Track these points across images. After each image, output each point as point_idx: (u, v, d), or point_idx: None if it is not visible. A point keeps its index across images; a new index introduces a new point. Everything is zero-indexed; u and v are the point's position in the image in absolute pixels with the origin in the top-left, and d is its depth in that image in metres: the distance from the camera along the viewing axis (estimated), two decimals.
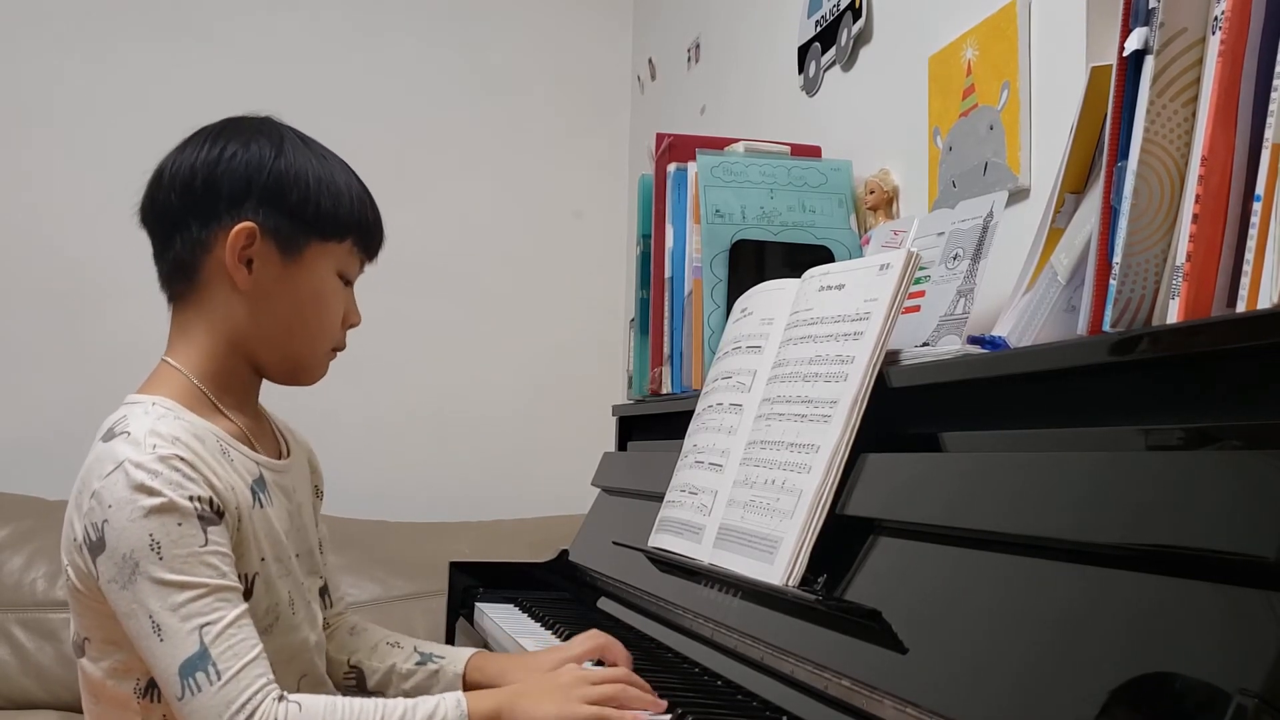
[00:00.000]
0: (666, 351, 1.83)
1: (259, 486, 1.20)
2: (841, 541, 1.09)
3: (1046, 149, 1.38)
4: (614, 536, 1.68)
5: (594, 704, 1.10)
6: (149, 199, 1.22)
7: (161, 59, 2.87)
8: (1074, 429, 0.92)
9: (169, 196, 1.20)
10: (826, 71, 1.98)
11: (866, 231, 1.70)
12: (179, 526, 1.07)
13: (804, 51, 2.06)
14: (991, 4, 1.48)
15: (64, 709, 2.36)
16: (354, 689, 1.38)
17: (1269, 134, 0.79)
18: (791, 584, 1.09)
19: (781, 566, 1.11)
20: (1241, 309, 0.79)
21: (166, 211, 1.20)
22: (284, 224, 1.19)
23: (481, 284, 3.05)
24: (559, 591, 1.93)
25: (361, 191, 1.26)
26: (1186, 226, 0.83)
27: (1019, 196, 1.41)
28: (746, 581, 1.17)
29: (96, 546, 1.08)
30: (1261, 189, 0.79)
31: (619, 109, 3.16)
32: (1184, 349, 0.82)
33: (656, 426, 1.94)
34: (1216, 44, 0.83)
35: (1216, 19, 0.83)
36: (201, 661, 1.05)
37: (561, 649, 1.32)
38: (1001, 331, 1.10)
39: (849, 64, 1.90)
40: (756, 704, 1.11)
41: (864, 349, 1.13)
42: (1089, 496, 0.82)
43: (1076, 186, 1.08)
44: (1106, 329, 0.88)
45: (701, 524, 1.31)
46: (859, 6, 1.84)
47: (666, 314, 1.83)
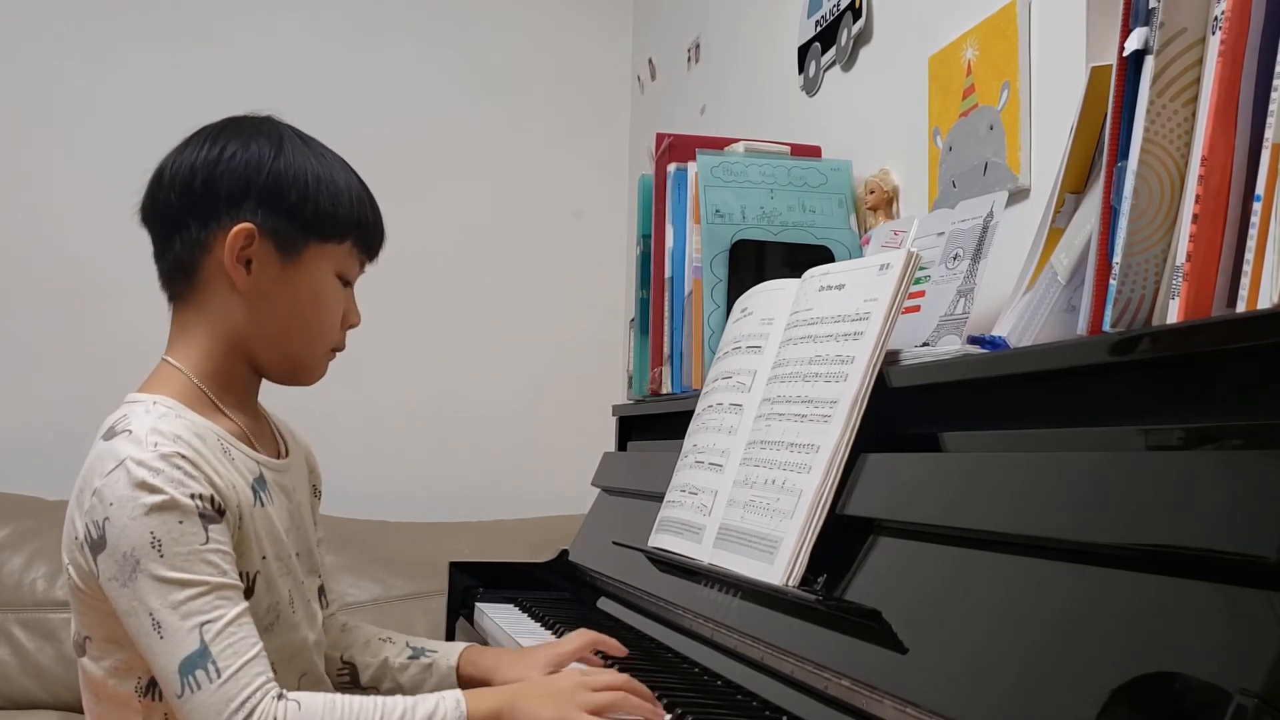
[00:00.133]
0: (666, 351, 1.83)
1: (259, 485, 1.20)
2: (841, 541, 1.09)
3: (1046, 149, 1.38)
4: (614, 536, 1.68)
5: (594, 712, 1.07)
6: (149, 198, 1.22)
7: (161, 59, 2.87)
8: (1074, 429, 0.92)
9: (169, 196, 1.20)
10: (826, 71, 1.98)
11: (866, 231, 1.70)
12: (180, 524, 1.07)
13: (804, 51, 2.06)
14: (991, 4, 1.48)
15: (64, 709, 2.36)
16: (347, 685, 1.38)
17: (1269, 134, 0.79)
18: (791, 584, 1.09)
19: (781, 566, 1.11)
20: (1241, 309, 0.79)
21: (166, 211, 1.20)
22: (283, 225, 1.19)
23: (481, 284, 3.05)
24: (559, 591, 1.93)
25: (361, 191, 1.26)
26: (1186, 226, 0.83)
27: (1019, 196, 1.41)
28: (746, 581, 1.17)
29: (97, 544, 1.08)
30: (1261, 189, 0.79)
31: (619, 109, 3.16)
32: (1184, 349, 0.82)
33: (656, 426, 1.94)
34: (1216, 44, 0.83)
35: (1216, 19, 0.83)
36: (201, 659, 1.05)
37: (554, 644, 1.32)
38: (1001, 331, 1.10)
39: (849, 64, 1.90)
40: (756, 704, 1.11)
41: (864, 349, 1.13)
42: (1089, 496, 0.82)
43: (1076, 186, 1.08)
44: (1106, 329, 0.88)
45: (701, 524, 1.31)
46: (859, 6, 1.84)
47: (666, 314, 1.83)
